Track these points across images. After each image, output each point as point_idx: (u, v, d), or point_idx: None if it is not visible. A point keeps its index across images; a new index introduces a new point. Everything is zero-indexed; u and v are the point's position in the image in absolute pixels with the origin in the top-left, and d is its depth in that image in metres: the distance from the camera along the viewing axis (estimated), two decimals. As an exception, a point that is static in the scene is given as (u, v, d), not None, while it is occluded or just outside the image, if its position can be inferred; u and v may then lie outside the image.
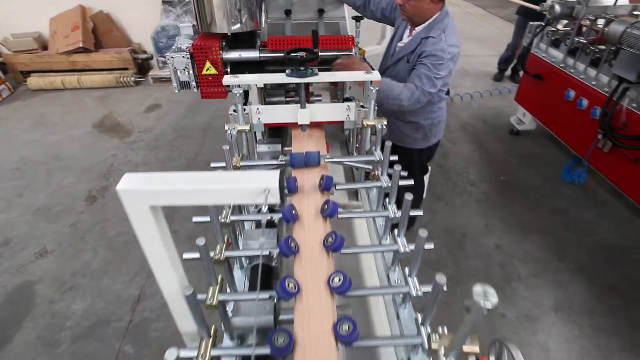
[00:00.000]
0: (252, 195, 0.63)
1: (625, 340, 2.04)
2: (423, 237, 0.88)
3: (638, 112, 2.50)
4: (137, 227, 0.68)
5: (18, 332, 2.08)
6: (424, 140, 2.11)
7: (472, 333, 0.65)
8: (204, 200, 0.68)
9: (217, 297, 0.94)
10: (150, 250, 0.72)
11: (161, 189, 0.65)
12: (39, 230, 2.75)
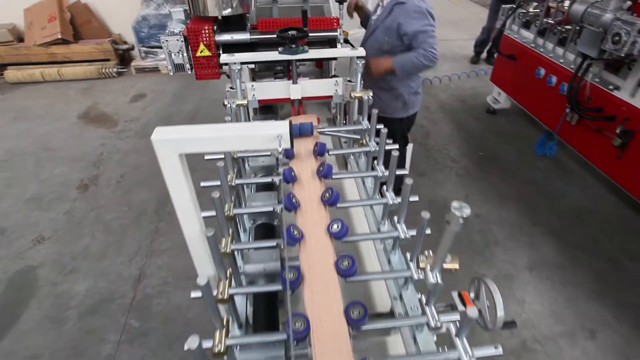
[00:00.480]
0: (268, 140, 0.75)
1: (590, 290, 2.27)
2: (409, 184, 1.02)
3: (600, 86, 2.71)
4: (166, 174, 0.79)
5: (25, 312, 2.15)
6: (403, 109, 2.27)
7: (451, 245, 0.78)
8: (226, 147, 0.80)
9: (230, 246, 1.05)
10: (176, 195, 0.83)
11: (188, 138, 0.76)
12: (33, 219, 2.79)
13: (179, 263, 2.42)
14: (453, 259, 0.85)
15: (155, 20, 4.72)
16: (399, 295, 1.11)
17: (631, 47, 2.17)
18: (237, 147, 0.82)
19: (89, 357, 1.95)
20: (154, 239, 2.60)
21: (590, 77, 2.76)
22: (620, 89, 2.59)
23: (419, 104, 2.36)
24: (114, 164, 3.34)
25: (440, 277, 0.82)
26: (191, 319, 2.11)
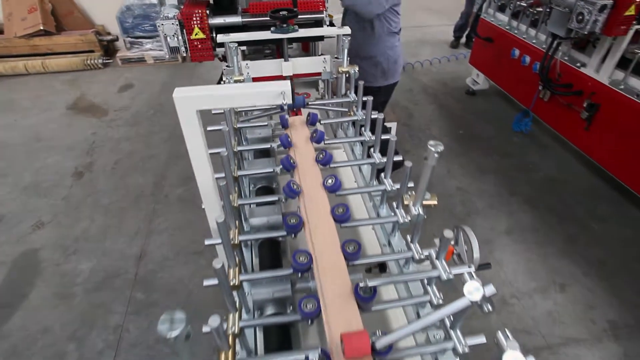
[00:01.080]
0: (273, 96, 0.88)
1: (561, 249, 2.48)
2: (393, 140, 1.16)
3: (569, 64, 2.91)
4: (184, 128, 0.92)
5: (32, 290, 2.24)
6: (382, 77, 2.42)
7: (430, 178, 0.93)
8: (237, 104, 0.93)
9: (237, 201, 1.17)
10: (193, 147, 0.96)
11: (205, 95, 0.88)
12: (31, 205, 2.85)
13: (178, 241, 2.54)
14: (432, 197, 1.00)
15: (140, 10, 4.73)
16: (387, 242, 1.26)
17: (593, 25, 2.35)
18: (246, 103, 0.95)
19: (99, 328, 2.06)
20: (152, 220, 2.70)
21: (560, 55, 2.95)
22: (587, 66, 2.79)
23: (399, 75, 2.51)
24: (107, 151, 3.40)
25: (421, 210, 0.97)
26: (193, 290, 2.24)
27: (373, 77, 2.42)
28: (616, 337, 2.02)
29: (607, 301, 2.19)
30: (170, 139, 3.53)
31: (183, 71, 4.87)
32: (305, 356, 0.74)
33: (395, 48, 2.38)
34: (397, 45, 2.40)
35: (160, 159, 3.28)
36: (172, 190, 2.92)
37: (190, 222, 2.67)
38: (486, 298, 0.66)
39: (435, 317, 0.66)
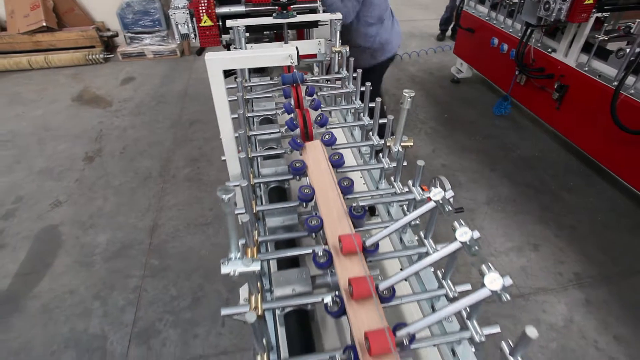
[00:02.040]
0: (283, 58, 1.12)
1: (536, 216, 2.75)
2: (378, 101, 1.40)
3: (541, 49, 3.18)
4: (212, 85, 1.15)
5: (56, 260, 2.45)
6: (372, 58, 2.68)
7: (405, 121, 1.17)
8: (254, 64, 1.16)
9: (253, 180, 1.39)
10: (218, 101, 1.19)
11: (229, 58, 1.11)
12: (47, 187, 3.05)
13: (187, 215, 2.76)
14: (409, 139, 1.24)
15: (140, 6, 4.93)
16: (376, 187, 1.51)
17: (558, 13, 2.62)
18: (261, 64, 1.18)
19: (119, 289, 2.28)
20: (161, 197, 2.92)
21: (533, 42, 3.22)
22: (557, 51, 3.07)
23: (391, 52, 2.72)
24: (114, 138, 3.61)
25: (401, 148, 1.21)
26: (204, 256, 2.47)
27: (364, 60, 2.66)
28: (580, 286, 2.30)
29: (574, 258, 2.47)
30: (173, 127, 3.74)
31: (182, 65, 5.07)
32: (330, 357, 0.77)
33: (379, 34, 2.60)
34: (381, 31, 2.61)
35: (165, 144, 3.49)
36: (178, 171, 3.15)
37: (197, 199, 2.89)
38: (475, 241, 0.77)
39: (454, 308, 0.72)
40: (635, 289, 2.28)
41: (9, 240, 2.60)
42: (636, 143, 2.49)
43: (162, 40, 5.23)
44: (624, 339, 2.03)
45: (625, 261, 2.44)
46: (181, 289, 2.27)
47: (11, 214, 2.80)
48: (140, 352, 1.98)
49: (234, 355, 1.97)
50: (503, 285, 0.69)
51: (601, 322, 2.11)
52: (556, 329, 2.08)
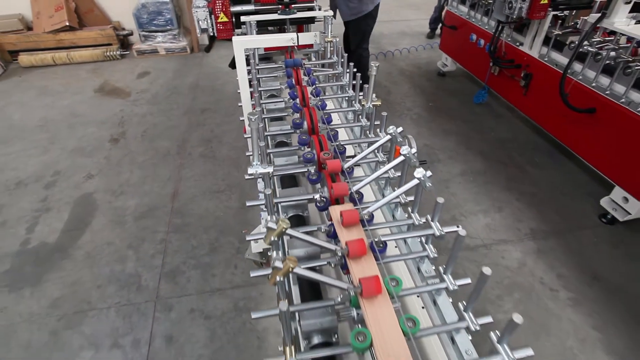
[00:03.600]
0: (286, 40, 1.57)
1: (502, 185, 3.20)
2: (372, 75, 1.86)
3: (511, 43, 3.64)
4: (237, 60, 1.60)
5: (93, 220, 2.91)
6: (371, 3, 3.57)
7: (374, 86, 1.62)
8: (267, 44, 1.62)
9: (266, 151, 1.84)
10: (240, 71, 1.64)
11: (249, 40, 1.57)
12: (80, 163, 3.51)
13: (202, 184, 3.22)
14: (378, 99, 1.69)
15: (153, 7, 5.39)
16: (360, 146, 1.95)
17: (519, 11, 3.07)
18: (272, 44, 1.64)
19: (148, 241, 2.73)
20: (180, 171, 3.37)
21: (504, 37, 3.68)
22: (524, 45, 3.52)
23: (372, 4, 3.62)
24: (135, 124, 4.07)
25: (372, 104, 1.66)
26: (219, 216, 2.92)
27: (367, 4, 3.46)
28: (534, 239, 2.74)
29: (531, 217, 2.91)
30: (187, 113, 4.20)
31: (192, 61, 5.54)
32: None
33: None
34: None
35: (180, 128, 3.95)
36: (194, 149, 3.60)
37: (211, 171, 3.34)
38: (427, 178, 1.05)
39: (396, 194, 1.10)
40: (579, 240, 2.73)
41: (53, 205, 3.05)
42: (584, 121, 2.94)
43: (173, 38, 5.69)
44: (564, 276, 2.48)
45: (574, 220, 2.89)
46: (200, 241, 2.73)
47: (52, 185, 3.26)
48: (169, 286, 2.43)
49: (244, 288, 2.42)
50: (424, 175, 1.13)
51: (548, 265, 2.56)
52: (510, 270, 2.53)
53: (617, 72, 2.66)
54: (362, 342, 0.77)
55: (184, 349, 2.11)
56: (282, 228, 0.89)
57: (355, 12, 3.66)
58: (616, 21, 2.58)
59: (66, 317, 2.27)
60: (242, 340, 2.14)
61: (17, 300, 2.36)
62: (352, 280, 0.94)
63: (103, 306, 2.33)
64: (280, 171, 1.42)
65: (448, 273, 0.99)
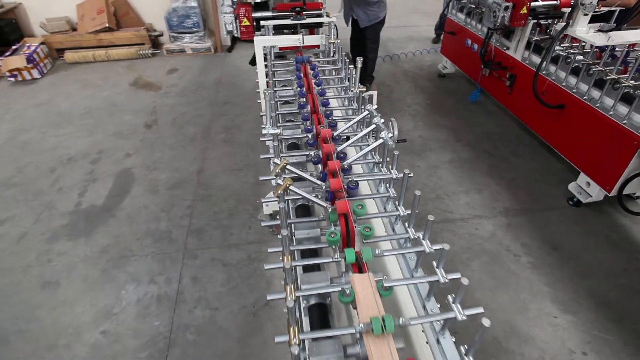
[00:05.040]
0: (294, 40, 2.08)
1: (485, 172, 3.63)
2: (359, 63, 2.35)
3: (499, 48, 4.07)
4: (257, 55, 2.11)
5: (132, 188, 3.47)
6: (383, 10, 4.09)
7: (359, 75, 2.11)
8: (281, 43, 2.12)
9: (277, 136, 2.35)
10: (259, 68, 2.15)
11: (267, 39, 2.08)
12: (119, 144, 4.10)
13: (223, 163, 3.75)
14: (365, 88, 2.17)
15: (183, 11, 6.00)
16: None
17: (502, 19, 3.51)
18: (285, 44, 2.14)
19: (178, 206, 3.27)
20: (204, 152, 3.92)
21: (494, 42, 4.12)
22: (510, 49, 3.95)
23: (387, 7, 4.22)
24: (165, 113, 4.65)
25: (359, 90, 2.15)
26: (237, 189, 3.44)
27: (381, 12, 4.03)
28: (506, 215, 3.17)
29: (507, 198, 3.34)
30: (211, 105, 4.76)
31: (215, 60, 6.12)
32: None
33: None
34: None
35: (205, 117, 4.51)
36: (217, 135, 4.15)
37: (231, 154, 3.88)
38: (389, 138, 1.75)
39: (368, 149, 1.76)
40: (546, 218, 3.14)
41: (99, 176, 3.63)
42: (556, 116, 3.35)
43: (199, 39, 6.30)
44: (527, 245, 2.90)
45: (544, 202, 3.31)
46: (221, 207, 3.25)
47: (97, 161, 3.85)
48: (194, 241, 2.96)
49: (256, 244, 2.92)
50: (387, 135, 1.62)
51: (514, 236, 2.99)
52: (482, 239, 2.97)
53: (581, 73, 3.08)
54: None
55: (206, 286, 2.62)
56: (287, 184, 1.36)
57: (373, 19, 4.25)
58: (577, 29, 3.00)
59: (113, 259, 2.82)
60: (252, 282, 2.65)
61: (75, 246, 2.93)
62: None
63: (142, 253, 2.87)
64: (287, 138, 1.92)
65: (426, 237, 1.19)
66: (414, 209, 1.33)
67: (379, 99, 4.68)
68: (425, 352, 1.06)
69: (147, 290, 2.61)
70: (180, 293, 2.59)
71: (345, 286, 1.07)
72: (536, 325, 2.39)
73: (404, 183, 1.44)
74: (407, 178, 1.43)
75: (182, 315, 2.45)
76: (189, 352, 2.26)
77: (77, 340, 2.32)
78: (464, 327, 1.11)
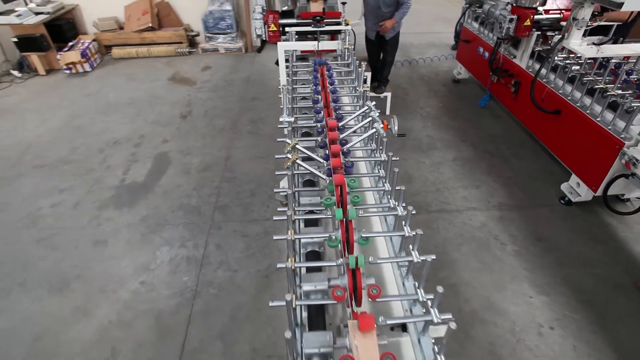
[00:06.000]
0: (311, 46, 2.49)
1: (484, 170, 3.93)
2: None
3: (507, 56, 4.36)
4: (280, 57, 2.54)
5: (168, 169, 3.99)
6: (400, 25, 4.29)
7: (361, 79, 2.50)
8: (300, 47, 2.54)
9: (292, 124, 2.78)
10: (281, 68, 2.57)
11: (288, 44, 2.50)
12: (158, 131, 4.64)
13: (248, 152, 4.22)
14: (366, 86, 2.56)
15: (218, 14, 6.55)
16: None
17: (507, 30, 3.81)
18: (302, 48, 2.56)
19: (207, 187, 3.75)
20: (232, 141, 4.40)
21: (502, 50, 4.40)
22: (516, 57, 4.23)
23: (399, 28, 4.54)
24: (199, 105, 5.17)
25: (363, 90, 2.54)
26: (259, 174, 3.89)
27: (400, 24, 4.34)
28: (499, 209, 3.48)
29: (502, 194, 3.64)
30: (239, 101, 5.25)
31: (246, 59, 6.64)
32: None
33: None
34: None
35: (233, 111, 5.01)
36: (243, 127, 4.63)
37: (255, 144, 4.34)
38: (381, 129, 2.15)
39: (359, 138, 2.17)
40: (537, 214, 3.42)
41: (140, 158, 4.17)
42: (553, 121, 3.62)
43: (232, 40, 6.83)
44: (514, 236, 3.21)
45: (537, 200, 3.59)
46: (244, 189, 3.71)
47: (139, 144, 4.40)
48: (220, 215, 3.43)
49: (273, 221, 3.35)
50: (380, 127, 2.01)
51: (504, 227, 3.29)
52: (473, 227, 3.29)
53: (576, 81, 3.35)
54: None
55: (228, 252, 3.08)
56: (294, 158, 1.77)
57: (397, 30, 4.54)
58: (572, 42, 3.28)
59: (151, 227, 3.32)
60: (267, 251, 3.08)
61: (120, 214, 3.45)
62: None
63: (175, 223, 3.36)
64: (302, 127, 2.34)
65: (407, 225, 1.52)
66: (394, 185, 1.71)
67: (395, 100, 5.04)
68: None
69: (178, 253, 3.09)
70: (206, 257, 3.05)
71: (332, 234, 1.48)
72: (512, 302, 2.70)
73: (389, 165, 1.82)
74: (392, 160, 1.81)
75: (207, 274, 2.91)
76: (211, 303, 2.71)
77: (121, 287, 2.82)
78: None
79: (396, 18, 4.18)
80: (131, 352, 2.44)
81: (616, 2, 2.65)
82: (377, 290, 1.29)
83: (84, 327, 2.57)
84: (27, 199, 3.62)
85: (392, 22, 4.21)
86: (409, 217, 1.49)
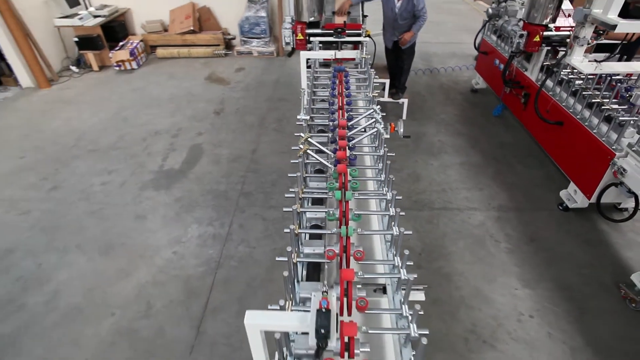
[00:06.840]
0: (329, 54, 2.89)
1: (490, 175, 4.19)
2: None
3: (520, 69, 4.60)
4: (302, 65, 2.95)
5: (200, 159, 4.49)
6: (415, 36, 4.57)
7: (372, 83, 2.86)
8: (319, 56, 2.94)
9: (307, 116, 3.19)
10: (303, 71, 2.99)
11: (309, 54, 2.91)
12: (194, 125, 5.17)
13: (272, 147, 4.66)
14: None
15: (254, 20, 7.08)
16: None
17: (518, 45, 4.07)
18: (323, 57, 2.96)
19: (234, 175, 4.22)
20: (259, 137, 4.86)
21: (515, 63, 4.65)
22: (528, 70, 4.47)
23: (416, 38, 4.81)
24: (232, 103, 5.68)
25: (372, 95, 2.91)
26: (281, 167, 4.33)
27: (413, 41, 4.65)
28: (498, 211, 3.74)
29: (503, 197, 3.90)
30: (268, 100, 5.73)
31: (277, 62, 7.13)
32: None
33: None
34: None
35: (262, 109, 5.48)
36: (270, 124, 5.09)
37: (279, 140, 4.78)
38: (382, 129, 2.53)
39: (363, 136, 2.57)
40: (534, 218, 3.67)
41: (177, 147, 4.70)
42: (557, 131, 3.85)
43: (265, 44, 7.34)
44: (509, 235, 3.47)
45: (536, 204, 3.82)
46: (266, 179, 4.15)
47: (176, 136, 4.94)
48: (244, 200, 3.88)
49: (290, 208, 3.77)
50: (381, 127, 2.39)
51: (500, 227, 3.56)
52: (471, 225, 3.58)
53: (578, 95, 3.59)
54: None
55: (249, 231, 3.52)
56: (305, 148, 2.18)
57: (413, 40, 4.85)
58: (574, 58, 3.51)
59: (184, 206, 3.81)
60: (283, 234, 3.50)
61: (158, 195, 3.97)
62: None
63: (205, 205, 3.84)
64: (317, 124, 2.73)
65: (396, 223, 2.22)
66: (387, 174, 2.08)
67: (412, 106, 5.37)
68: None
69: (206, 230, 3.56)
70: (229, 234, 3.50)
71: (331, 209, 1.87)
72: (498, 292, 2.99)
73: (384, 159, 2.18)
74: (387, 155, 2.18)
75: (229, 249, 3.36)
76: (231, 273, 3.16)
77: (157, 255, 3.31)
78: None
79: (414, 30, 4.51)
80: (163, 307, 2.91)
81: (610, 25, 2.90)
82: (361, 253, 1.67)
83: (125, 284, 3.07)
84: (81, 177, 4.21)
85: (410, 35, 4.55)
86: (394, 201, 1.86)
